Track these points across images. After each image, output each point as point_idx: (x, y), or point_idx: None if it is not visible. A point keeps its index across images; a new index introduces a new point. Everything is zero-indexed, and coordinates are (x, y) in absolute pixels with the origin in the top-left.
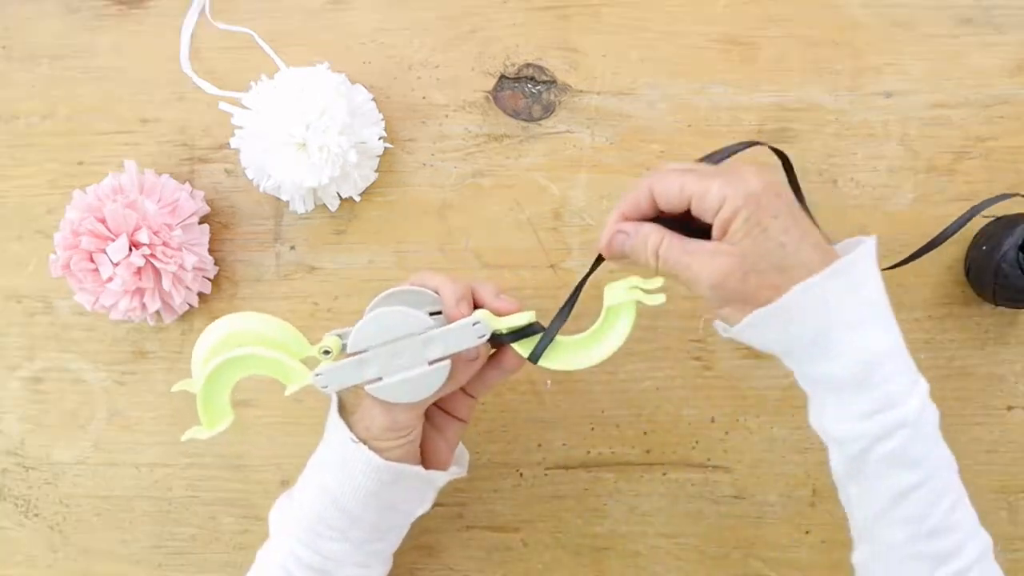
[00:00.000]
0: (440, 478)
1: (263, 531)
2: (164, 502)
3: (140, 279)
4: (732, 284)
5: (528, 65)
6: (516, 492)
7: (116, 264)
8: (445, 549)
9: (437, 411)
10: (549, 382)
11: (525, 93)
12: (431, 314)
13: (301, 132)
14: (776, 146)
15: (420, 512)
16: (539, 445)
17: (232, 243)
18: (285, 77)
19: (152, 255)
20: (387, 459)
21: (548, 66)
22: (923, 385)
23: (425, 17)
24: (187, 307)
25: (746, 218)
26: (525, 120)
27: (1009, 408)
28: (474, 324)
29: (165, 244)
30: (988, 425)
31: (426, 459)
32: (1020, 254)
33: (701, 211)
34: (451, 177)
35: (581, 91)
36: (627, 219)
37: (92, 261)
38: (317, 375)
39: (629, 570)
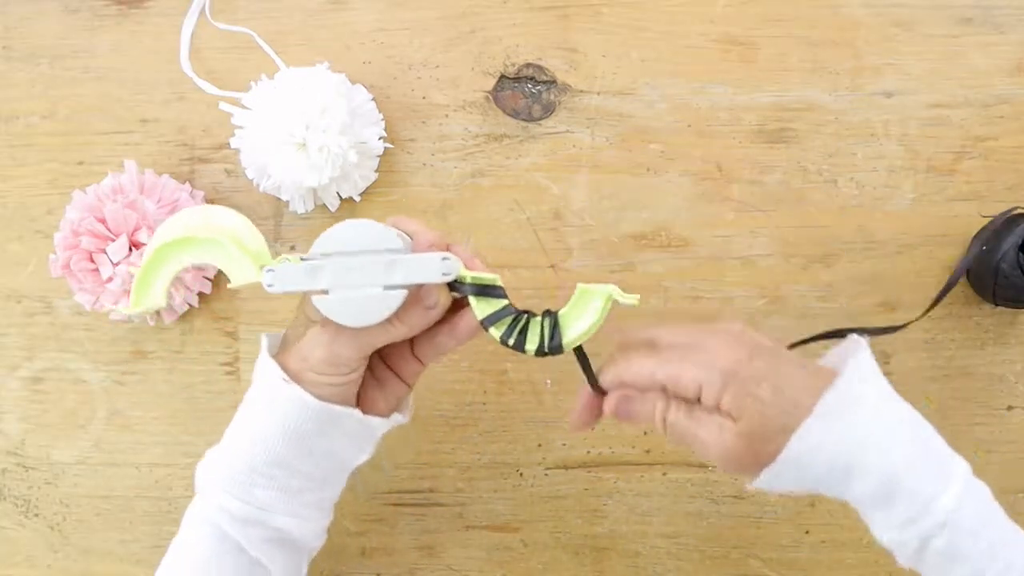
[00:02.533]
0: (379, 425)
1: None
2: (164, 502)
3: None
4: (746, 459)
5: (528, 65)
6: (516, 492)
7: (116, 264)
8: (445, 549)
9: (382, 365)
10: (549, 381)
11: (525, 93)
12: None
13: (301, 132)
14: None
15: (359, 461)
16: (539, 445)
17: None
18: (285, 77)
19: None
20: (319, 396)
21: (548, 66)
22: (957, 475)
23: (425, 17)
24: (187, 307)
25: (734, 395)
26: (525, 120)
27: (1009, 408)
28: (443, 259)
29: None
30: (988, 425)
31: (361, 409)
32: (1020, 254)
33: (681, 394)
34: (451, 177)
35: (581, 91)
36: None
37: (92, 261)
38: (268, 271)
39: (629, 570)
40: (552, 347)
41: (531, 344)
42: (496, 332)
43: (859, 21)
